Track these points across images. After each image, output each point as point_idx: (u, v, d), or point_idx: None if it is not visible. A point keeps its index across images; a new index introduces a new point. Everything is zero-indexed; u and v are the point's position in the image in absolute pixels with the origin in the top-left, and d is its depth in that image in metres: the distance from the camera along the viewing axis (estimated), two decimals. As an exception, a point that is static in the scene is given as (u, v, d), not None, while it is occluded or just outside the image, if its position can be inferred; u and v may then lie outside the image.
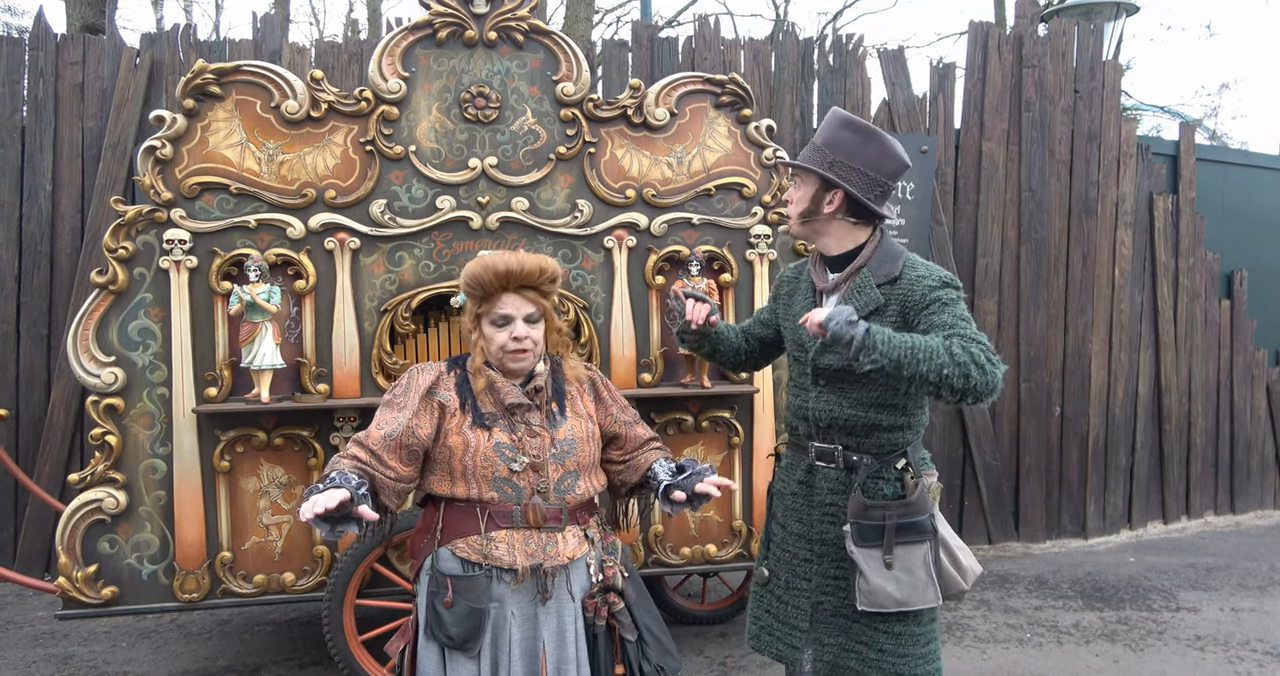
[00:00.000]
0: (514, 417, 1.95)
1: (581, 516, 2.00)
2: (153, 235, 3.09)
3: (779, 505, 2.33)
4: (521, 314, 1.95)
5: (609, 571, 1.98)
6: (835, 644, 2.18)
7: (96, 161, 4.72)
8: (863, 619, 2.15)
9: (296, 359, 3.18)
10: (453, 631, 1.87)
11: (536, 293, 1.96)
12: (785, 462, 2.35)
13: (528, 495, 1.93)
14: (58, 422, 4.66)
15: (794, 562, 2.25)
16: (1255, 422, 6.26)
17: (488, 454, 1.92)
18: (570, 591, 1.94)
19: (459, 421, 1.95)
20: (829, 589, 2.20)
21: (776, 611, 2.26)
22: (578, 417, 2.01)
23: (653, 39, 5.16)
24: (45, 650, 3.82)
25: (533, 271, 1.94)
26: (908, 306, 2.10)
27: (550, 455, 1.94)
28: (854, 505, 2.12)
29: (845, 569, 2.16)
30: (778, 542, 2.30)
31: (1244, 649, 3.82)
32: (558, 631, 1.92)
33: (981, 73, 5.39)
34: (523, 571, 1.90)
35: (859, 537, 2.10)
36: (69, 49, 4.75)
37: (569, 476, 1.96)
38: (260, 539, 3.19)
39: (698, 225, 3.45)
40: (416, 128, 3.25)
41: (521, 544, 1.92)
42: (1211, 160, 6.17)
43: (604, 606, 1.94)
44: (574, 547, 1.96)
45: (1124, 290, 5.63)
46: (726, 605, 4.02)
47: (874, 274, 2.16)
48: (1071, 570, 4.97)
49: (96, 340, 3.06)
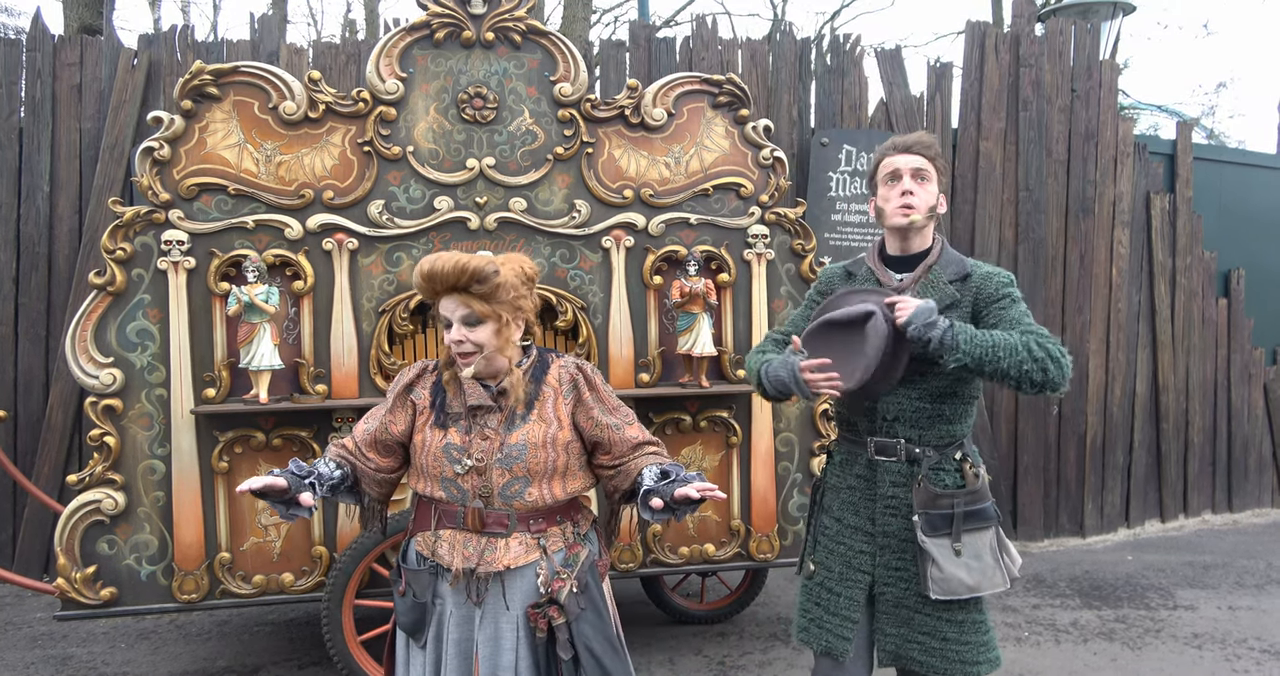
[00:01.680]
0: (474, 419, 1.93)
1: (536, 524, 1.94)
2: (151, 236, 3.09)
3: (834, 499, 2.34)
4: (456, 316, 1.89)
5: (556, 584, 1.91)
6: (897, 634, 2.22)
7: (94, 163, 4.72)
8: (925, 608, 2.19)
9: (295, 359, 3.18)
10: (402, 619, 1.96)
11: (467, 295, 1.88)
12: (840, 458, 2.37)
13: (471, 497, 1.92)
14: (56, 424, 4.66)
15: (849, 555, 2.27)
16: (1252, 421, 6.27)
17: (436, 454, 1.92)
18: (505, 598, 1.91)
19: (425, 419, 1.97)
20: (890, 580, 2.22)
21: (827, 604, 2.28)
22: (541, 422, 1.95)
23: (650, 39, 5.16)
24: (44, 651, 3.82)
25: (450, 273, 1.85)
26: (980, 301, 2.20)
27: (496, 460, 1.90)
28: (922, 496, 2.17)
29: (907, 560, 2.20)
30: (831, 535, 2.32)
31: (1241, 647, 3.83)
32: (493, 637, 1.90)
33: (979, 72, 5.40)
34: (455, 573, 1.91)
35: (928, 527, 2.16)
36: (66, 50, 4.75)
37: (516, 482, 1.91)
38: (259, 539, 3.19)
39: (695, 225, 3.45)
40: (414, 128, 3.26)
41: (461, 545, 1.93)
42: (1209, 159, 6.18)
43: (544, 619, 1.88)
44: (516, 555, 1.91)
45: (1121, 289, 5.64)
46: (725, 604, 4.03)
47: (944, 272, 2.24)
48: (1069, 569, 4.98)
49: (95, 341, 3.06)
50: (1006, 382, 2.06)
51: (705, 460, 3.50)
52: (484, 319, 1.89)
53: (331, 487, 1.97)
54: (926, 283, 2.25)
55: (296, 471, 1.91)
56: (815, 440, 3.55)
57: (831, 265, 2.52)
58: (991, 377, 2.06)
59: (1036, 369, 2.03)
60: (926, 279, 2.25)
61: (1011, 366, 2.03)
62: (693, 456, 3.49)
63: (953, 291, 2.22)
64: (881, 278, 2.29)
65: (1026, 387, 2.07)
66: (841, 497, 2.32)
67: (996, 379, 2.05)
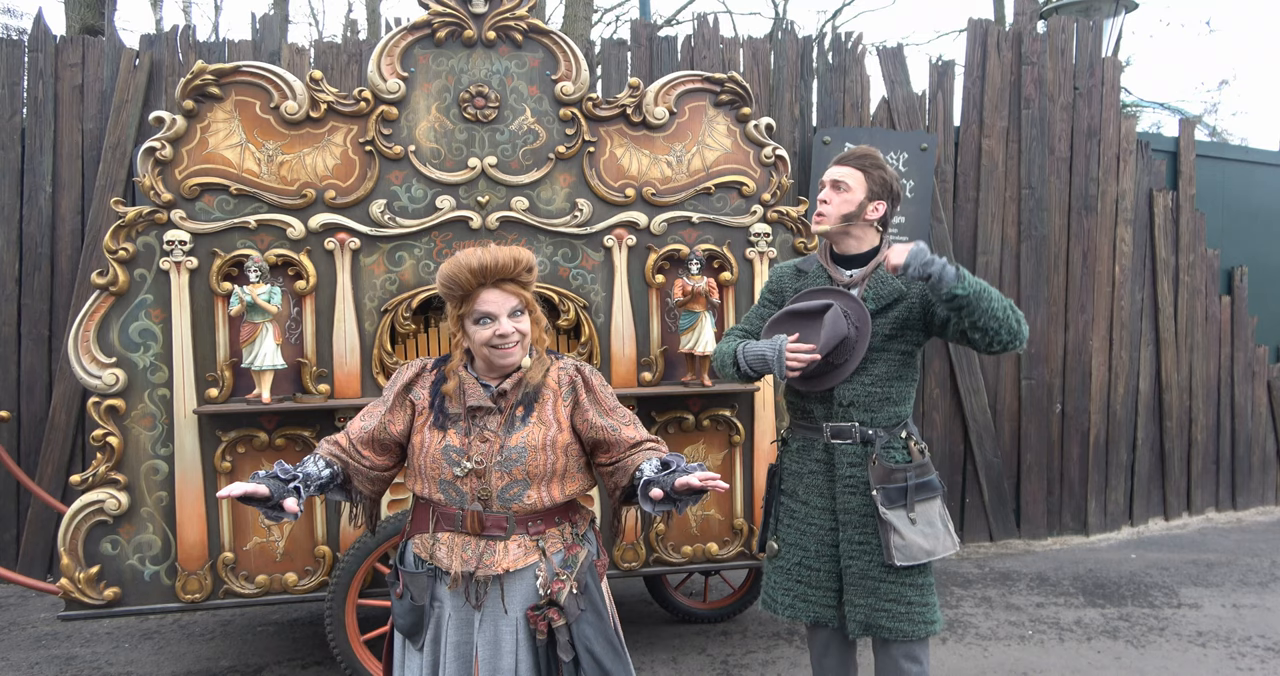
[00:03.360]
0: (473, 421, 1.92)
1: (535, 526, 1.93)
2: (153, 236, 3.09)
3: (796, 484, 2.54)
4: (505, 309, 1.90)
5: (556, 586, 1.90)
6: (865, 605, 2.43)
7: (96, 163, 4.72)
8: (889, 577, 2.41)
9: (297, 359, 3.18)
10: (399, 622, 1.95)
11: (516, 285, 1.91)
12: (796, 445, 2.57)
13: (469, 500, 1.91)
14: (59, 424, 4.67)
15: (820, 533, 2.49)
16: (1256, 419, 6.26)
17: (435, 456, 1.91)
18: (504, 602, 1.90)
19: (424, 420, 1.96)
20: (854, 553, 2.44)
21: (808, 579, 2.49)
22: (541, 425, 1.94)
23: (651, 38, 5.16)
24: (48, 651, 3.83)
25: (507, 263, 1.88)
26: (927, 296, 2.42)
27: (495, 462, 1.89)
28: (878, 473, 2.40)
29: (868, 533, 2.42)
30: (800, 517, 2.52)
31: (1246, 645, 3.82)
32: (493, 639, 1.90)
33: (981, 70, 5.39)
34: (454, 577, 1.90)
35: (886, 500, 2.38)
36: (68, 50, 4.75)
37: (515, 485, 1.90)
38: (262, 539, 3.19)
39: (697, 224, 3.45)
40: (416, 128, 3.26)
41: (460, 548, 1.92)
42: (1211, 157, 6.17)
43: (544, 621, 1.87)
44: (516, 558, 1.91)
45: (1124, 287, 5.63)
46: (728, 603, 4.03)
47: None
48: (1073, 567, 4.97)
49: (97, 341, 3.06)
50: (985, 332, 2.28)
51: (708, 459, 3.49)
52: (527, 308, 1.94)
53: (320, 486, 1.94)
54: (876, 278, 2.47)
55: (281, 474, 1.85)
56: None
57: (782, 263, 2.75)
58: (976, 322, 2.26)
59: (1014, 318, 2.29)
60: (875, 275, 2.48)
61: (999, 310, 2.26)
62: (695, 455, 3.49)
63: (900, 286, 2.45)
64: (833, 274, 2.52)
65: (1003, 336, 2.30)
66: (805, 482, 2.53)
67: (981, 322, 2.25)
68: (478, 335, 1.90)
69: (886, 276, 2.45)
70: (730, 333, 2.70)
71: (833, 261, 2.55)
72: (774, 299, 2.65)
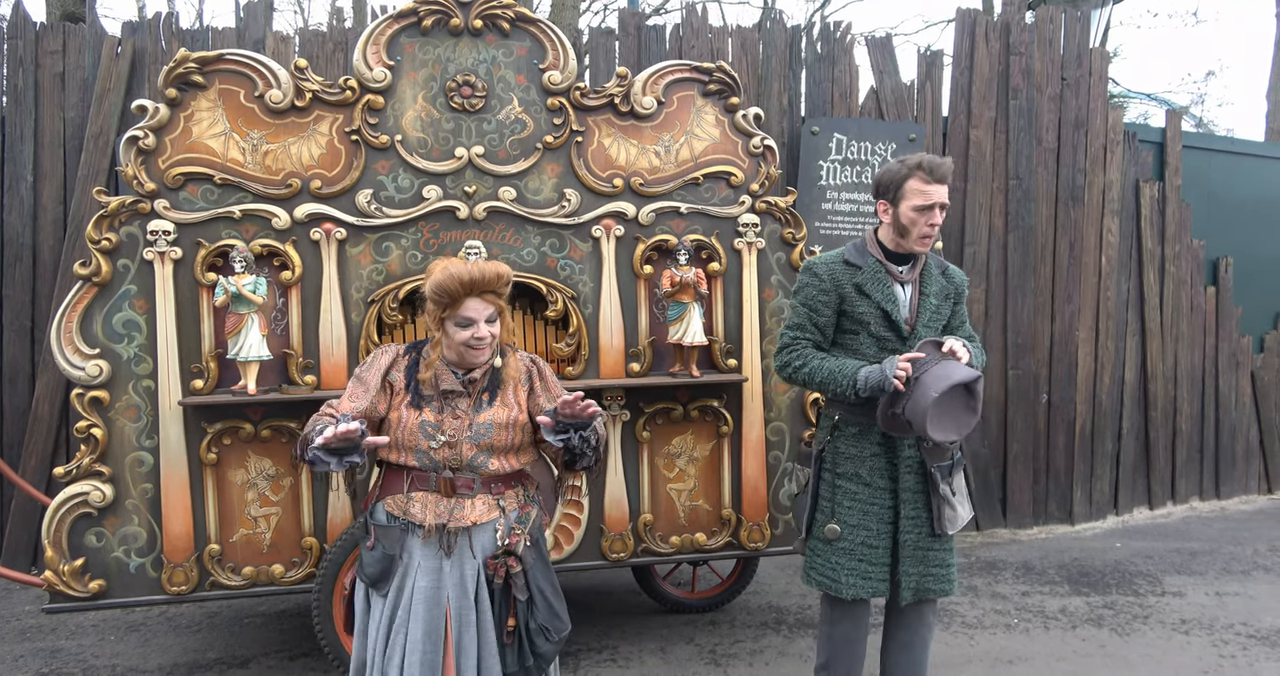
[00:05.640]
0: (445, 401, 2.24)
1: (496, 487, 2.27)
2: (136, 226, 3.06)
3: (858, 466, 2.69)
4: (483, 315, 2.20)
5: (513, 538, 2.24)
6: (917, 573, 2.67)
7: (78, 152, 4.67)
8: (935, 545, 2.67)
9: (283, 350, 3.16)
10: (369, 571, 2.23)
11: (494, 295, 2.22)
12: (852, 431, 2.71)
13: (442, 467, 2.23)
14: (42, 416, 4.63)
15: (881, 512, 2.67)
16: (1240, 409, 6.31)
17: (413, 429, 2.22)
18: (472, 549, 2.22)
19: (400, 399, 2.26)
20: (909, 527, 2.66)
21: (869, 557, 2.66)
22: (504, 407, 2.27)
23: (640, 27, 5.13)
24: (33, 644, 3.80)
25: (493, 278, 2.19)
26: (957, 294, 2.77)
27: (466, 436, 2.22)
28: (933, 452, 2.64)
29: (920, 508, 2.66)
30: (863, 499, 2.67)
31: (1228, 632, 3.86)
32: (459, 582, 2.21)
33: (969, 60, 5.39)
34: (428, 528, 2.21)
35: (941, 476, 2.63)
36: (49, 38, 4.69)
37: (481, 454, 2.24)
38: (249, 531, 3.18)
39: (686, 214, 3.44)
40: (402, 117, 3.23)
41: (434, 505, 2.22)
42: (1197, 147, 6.19)
43: (502, 568, 2.20)
44: (481, 513, 2.24)
45: (1110, 277, 5.65)
46: (716, 593, 4.04)
47: (933, 266, 2.74)
48: (1058, 556, 5.01)
49: (81, 332, 3.03)
50: None
51: (696, 450, 3.50)
52: (499, 314, 2.25)
53: None
54: (927, 275, 2.71)
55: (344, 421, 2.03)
56: (806, 429, 3.56)
57: (825, 257, 2.79)
58: None
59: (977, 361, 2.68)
60: (925, 273, 2.71)
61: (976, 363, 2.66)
62: (684, 446, 3.49)
63: (945, 283, 2.74)
64: (890, 269, 2.68)
65: None
66: (868, 464, 2.68)
67: None
68: (458, 336, 2.20)
69: (934, 274, 2.72)
70: (795, 343, 2.75)
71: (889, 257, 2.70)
72: (828, 298, 2.69)
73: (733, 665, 3.51)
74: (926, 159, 2.62)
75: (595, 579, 4.51)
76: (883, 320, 2.66)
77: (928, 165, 2.59)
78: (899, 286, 2.68)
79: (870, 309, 2.67)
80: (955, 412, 2.51)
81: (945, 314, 2.73)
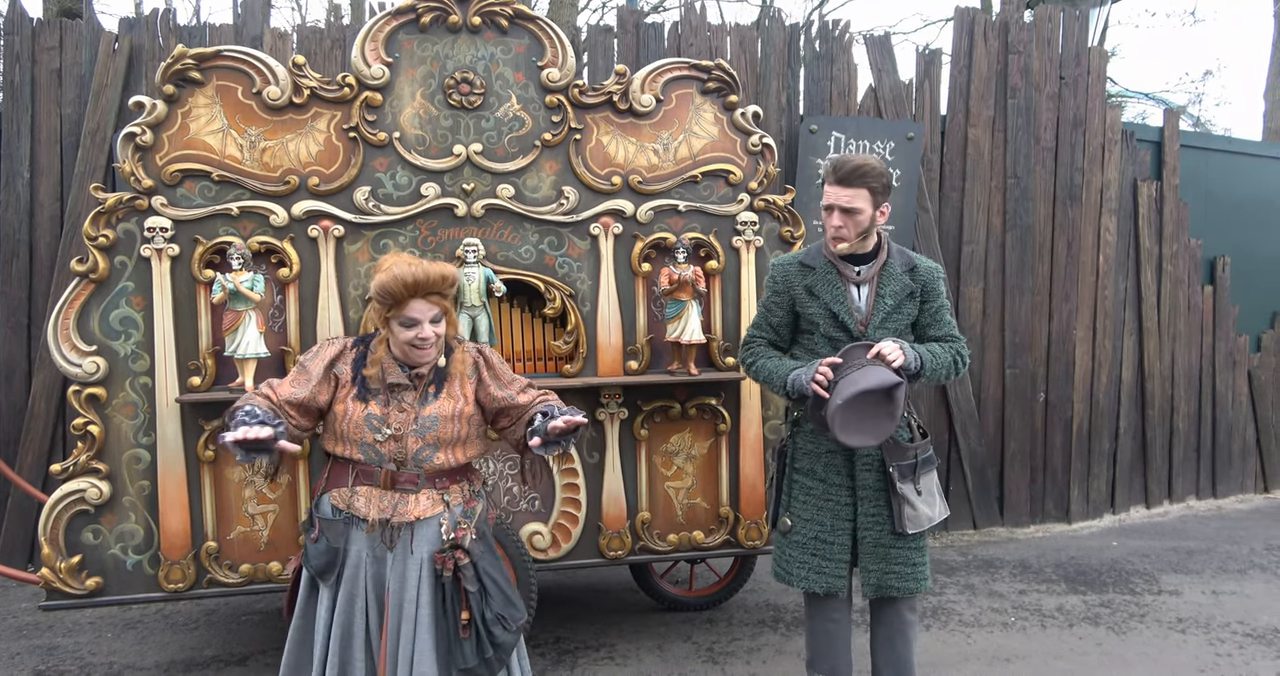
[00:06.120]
0: (392, 394, 2.26)
1: (441, 482, 2.30)
2: (133, 223, 3.05)
3: (814, 463, 2.71)
4: (428, 316, 2.22)
5: (459, 532, 2.26)
6: (878, 569, 2.67)
7: (75, 148, 4.66)
8: (898, 544, 2.66)
9: (280, 347, 3.15)
10: (314, 563, 2.25)
11: (439, 296, 2.23)
12: (811, 427, 2.70)
13: (387, 460, 2.25)
14: (39, 413, 4.62)
15: (837, 508, 2.68)
16: (1237, 408, 6.32)
17: (358, 422, 2.24)
18: (412, 545, 2.25)
19: (346, 391, 2.27)
20: (869, 525, 2.66)
21: (823, 552, 2.68)
22: (450, 399, 2.30)
23: (638, 25, 5.13)
24: (29, 641, 3.80)
25: (437, 280, 2.21)
26: (926, 292, 2.71)
27: (411, 430, 2.24)
28: (894, 451, 2.63)
29: (881, 506, 2.65)
30: (817, 494, 2.70)
31: (1224, 631, 3.87)
32: (401, 574, 2.24)
33: (967, 59, 5.39)
34: (371, 523, 2.24)
35: (900, 475, 2.62)
36: (46, 34, 4.67)
37: (427, 448, 2.26)
38: (245, 528, 3.17)
39: (684, 212, 3.44)
40: (400, 114, 3.23)
41: (378, 500, 2.25)
42: (1195, 147, 6.19)
43: (451, 561, 2.22)
44: (425, 508, 2.26)
45: (1108, 276, 5.66)
46: (714, 591, 4.04)
47: (896, 264, 2.68)
48: (1055, 554, 5.02)
49: (78, 329, 3.03)
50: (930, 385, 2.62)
51: (694, 447, 3.50)
52: (444, 316, 2.26)
53: None
54: (886, 275, 2.67)
55: (266, 420, 2.11)
56: (804, 427, 3.56)
57: (784, 258, 2.84)
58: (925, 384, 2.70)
59: (953, 376, 2.72)
60: (884, 272, 2.68)
61: (942, 377, 2.69)
62: (681, 444, 3.49)
63: (908, 281, 2.69)
64: (843, 271, 2.68)
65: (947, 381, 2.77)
66: (824, 461, 2.70)
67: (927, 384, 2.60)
68: (402, 335, 2.23)
69: (895, 273, 2.67)
70: (751, 341, 2.87)
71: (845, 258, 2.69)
72: (780, 299, 2.78)
73: (730, 663, 3.51)
74: (839, 159, 2.61)
75: (593, 577, 4.51)
76: (832, 321, 2.68)
77: (834, 164, 2.60)
78: (853, 287, 2.68)
79: (819, 310, 2.69)
80: (871, 418, 2.49)
81: (909, 313, 2.71)
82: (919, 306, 2.72)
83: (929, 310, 2.73)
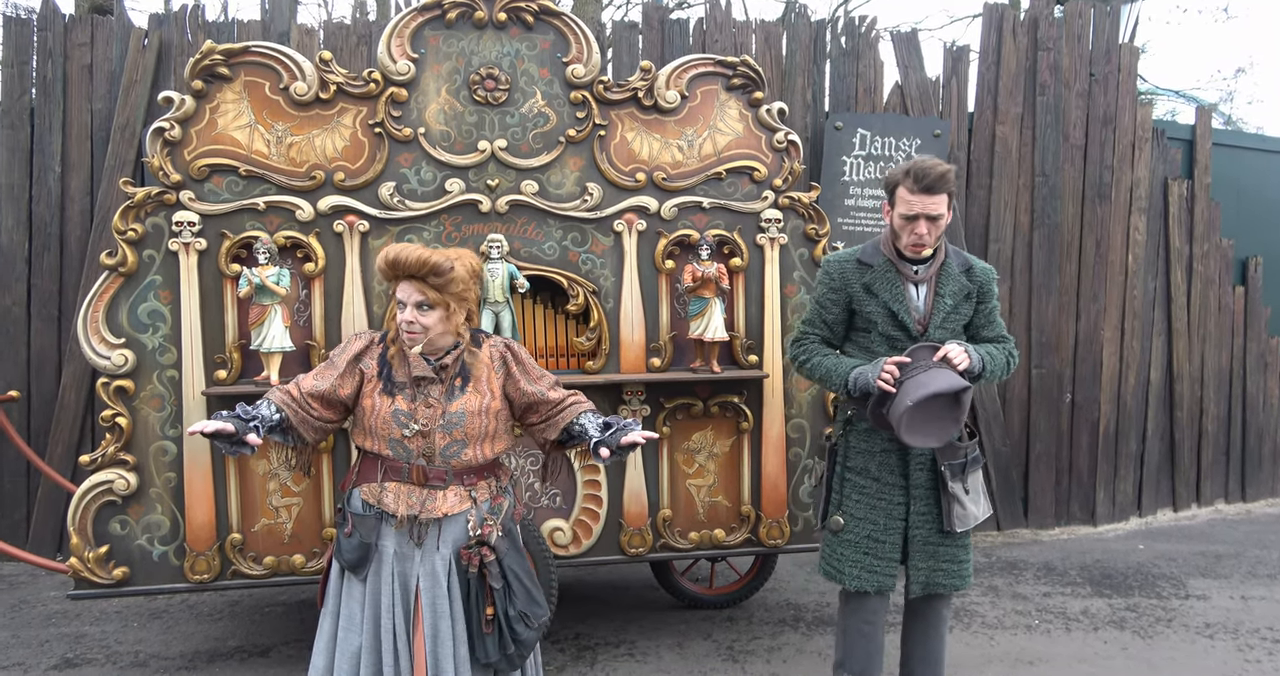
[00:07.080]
0: (418, 389, 2.25)
1: (469, 478, 2.29)
2: (162, 217, 3.08)
3: (869, 461, 2.72)
4: (411, 300, 2.19)
5: (486, 528, 2.27)
6: (926, 567, 2.70)
7: (105, 143, 4.71)
8: (946, 541, 2.69)
9: (306, 341, 3.18)
10: (347, 557, 2.26)
11: (422, 283, 2.18)
12: (864, 426, 2.72)
13: (415, 456, 2.25)
14: (69, 404, 4.69)
15: (889, 507, 2.69)
16: (1268, 410, 6.22)
17: (386, 418, 2.23)
18: (439, 540, 2.25)
19: (373, 386, 2.27)
20: (919, 523, 2.69)
21: (875, 550, 2.69)
22: (477, 394, 2.28)
23: (663, 21, 5.11)
24: (57, 629, 3.85)
25: (412, 263, 2.16)
26: (981, 293, 2.73)
27: (439, 425, 2.24)
28: (945, 450, 2.64)
29: (931, 504, 2.68)
30: (871, 493, 2.70)
31: (1254, 637, 3.81)
32: (431, 572, 2.24)
33: (996, 56, 5.33)
34: (400, 519, 2.24)
35: (951, 474, 2.64)
36: (77, 30, 4.73)
37: (455, 444, 2.26)
38: (270, 520, 3.20)
39: (708, 209, 3.42)
40: (425, 110, 3.23)
41: (406, 496, 2.25)
42: (1227, 145, 6.09)
43: (476, 557, 2.23)
44: (453, 504, 2.26)
45: (1137, 276, 5.58)
46: (734, 590, 4.03)
47: (953, 265, 2.69)
48: (1080, 557, 4.96)
49: (106, 322, 3.06)
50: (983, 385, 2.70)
51: (716, 445, 3.49)
52: (434, 306, 2.20)
53: (270, 428, 2.24)
54: (944, 275, 2.68)
55: (242, 414, 2.18)
56: (826, 425, 3.54)
57: (840, 255, 2.82)
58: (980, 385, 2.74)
59: (1004, 377, 2.76)
60: (943, 272, 2.67)
61: (996, 379, 2.73)
62: (703, 441, 3.48)
63: (966, 282, 2.69)
64: (901, 269, 2.67)
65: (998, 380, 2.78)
66: (878, 460, 2.71)
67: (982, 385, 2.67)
68: (397, 316, 2.24)
69: (953, 273, 2.68)
70: (804, 337, 2.85)
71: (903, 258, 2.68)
72: (837, 296, 2.77)
73: (750, 661, 3.50)
74: (919, 166, 2.55)
75: (613, 574, 4.51)
76: (890, 320, 2.67)
77: (915, 173, 2.54)
78: (912, 286, 2.67)
79: (878, 309, 2.68)
80: (935, 420, 2.51)
81: (965, 314, 2.73)
82: (974, 307, 2.73)
83: (983, 311, 2.74)
